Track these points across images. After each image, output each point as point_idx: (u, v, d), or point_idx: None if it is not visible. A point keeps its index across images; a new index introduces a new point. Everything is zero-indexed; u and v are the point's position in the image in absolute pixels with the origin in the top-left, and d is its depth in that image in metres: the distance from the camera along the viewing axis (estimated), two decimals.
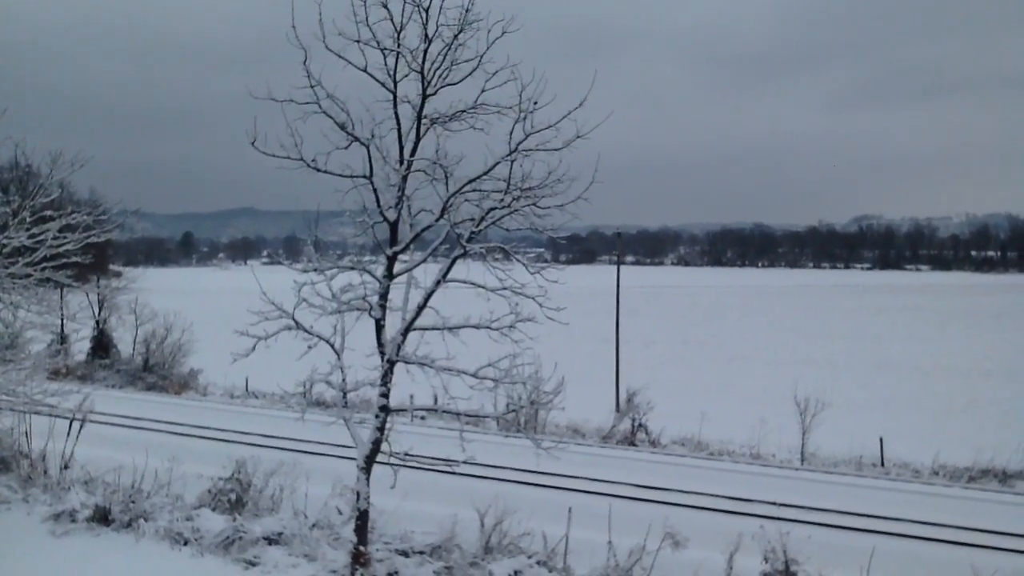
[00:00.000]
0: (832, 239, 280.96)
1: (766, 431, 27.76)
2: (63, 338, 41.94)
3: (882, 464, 26.08)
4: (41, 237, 16.94)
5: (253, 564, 13.45)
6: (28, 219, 17.03)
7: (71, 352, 44.06)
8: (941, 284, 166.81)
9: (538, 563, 13.20)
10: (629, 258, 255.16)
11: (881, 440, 26.62)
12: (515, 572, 12.80)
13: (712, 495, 20.10)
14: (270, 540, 14.06)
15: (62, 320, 39.58)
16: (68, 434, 18.12)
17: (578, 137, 11.62)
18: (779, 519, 16.65)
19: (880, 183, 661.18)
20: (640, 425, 29.41)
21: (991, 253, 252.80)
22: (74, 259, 17.71)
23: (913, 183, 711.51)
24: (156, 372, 41.67)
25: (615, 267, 39.44)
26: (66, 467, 17.91)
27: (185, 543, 14.20)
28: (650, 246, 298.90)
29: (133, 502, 15.39)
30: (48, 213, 17.46)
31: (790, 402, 28.10)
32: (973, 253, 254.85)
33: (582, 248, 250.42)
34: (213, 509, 15.39)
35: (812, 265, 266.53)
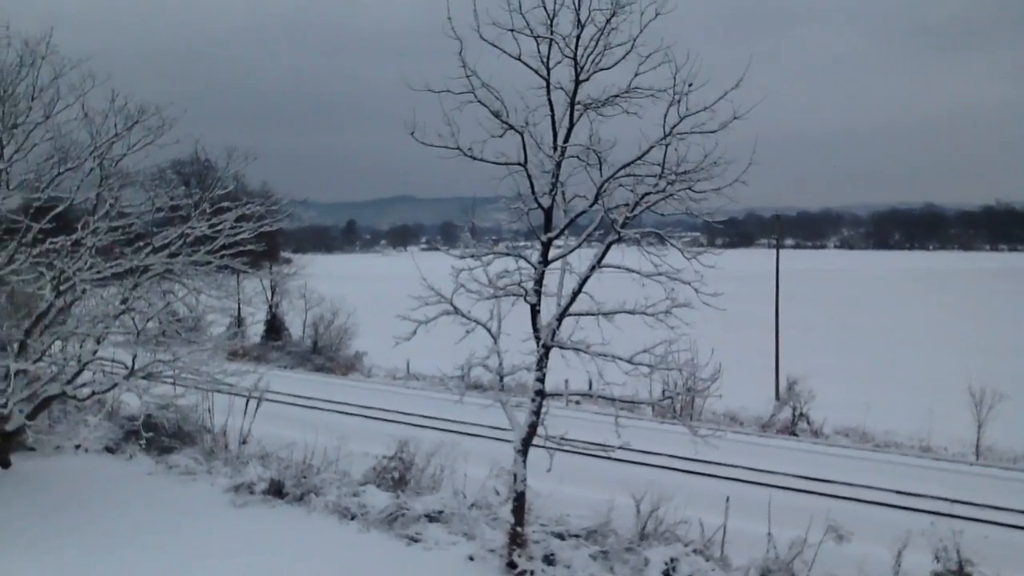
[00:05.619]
0: (1010, 219, 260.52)
1: (935, 422, 26.28)
2: (240, 321, 44.67)
3: None
4: (219, 227, 18.20)
5: (415, 540, 13.98)
6: (208, 210, 18.32)
7: (247, 334, 46.71)
8: None
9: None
10: (788, 241, 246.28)
11: None
12: (671, 559, 12.72)
13: (878, 488, 19.26)
14: (431, 518, 14.56)
15: (239, 304, 42.34)
16: (245, 411, 19.36)
17: (735, 119, 11.36)
18: (952, 516, 15.81)
19: None
20: (801, 414, 28.50)
21: None
22: (249, 247, 18.88)
23: None
24: (324, 354, 43.74)
25: (774, 251, 38.41)
26: (244, 442, 19.18)
27: (352, 518, 14.93)
28: (811, 229, 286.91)
29: (304, 477, 16.31)
30: (225, 204, 18.73)
31: (962, 392, 26.46)
32: None
33: (739, 232, 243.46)
34: (378, 486, 16.09)
35: (988, 247, 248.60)
